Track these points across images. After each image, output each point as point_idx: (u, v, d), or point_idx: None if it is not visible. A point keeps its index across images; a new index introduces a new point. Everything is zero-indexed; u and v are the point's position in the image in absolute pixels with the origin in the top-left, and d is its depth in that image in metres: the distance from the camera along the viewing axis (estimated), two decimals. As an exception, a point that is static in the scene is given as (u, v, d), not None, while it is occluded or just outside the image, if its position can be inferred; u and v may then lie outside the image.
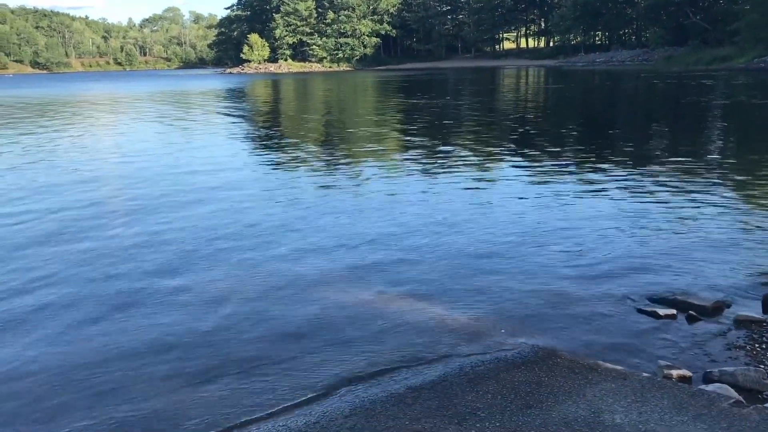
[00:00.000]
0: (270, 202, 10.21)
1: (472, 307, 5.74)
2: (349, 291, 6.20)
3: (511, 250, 7.38)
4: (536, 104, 30.92)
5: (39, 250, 7.75)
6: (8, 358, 4.97)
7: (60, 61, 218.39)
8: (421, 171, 12.70)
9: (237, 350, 5.02)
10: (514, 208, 9.38)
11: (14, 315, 5.80)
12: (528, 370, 4.53)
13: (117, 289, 6.39)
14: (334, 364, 4.78)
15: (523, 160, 13.65)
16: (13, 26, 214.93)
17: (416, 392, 4.28)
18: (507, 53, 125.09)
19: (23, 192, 11.44)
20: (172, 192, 11.12)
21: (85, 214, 9.64)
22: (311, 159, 14.72)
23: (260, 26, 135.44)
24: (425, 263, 6.96)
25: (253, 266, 6.99)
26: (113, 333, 5.38)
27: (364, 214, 9.22)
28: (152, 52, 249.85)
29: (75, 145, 18.46)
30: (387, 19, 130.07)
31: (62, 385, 4.56)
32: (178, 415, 4.19)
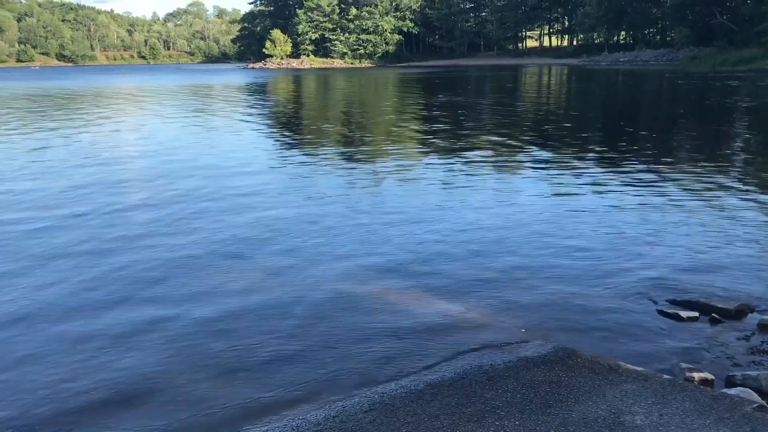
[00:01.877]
0: (290, 198, 10.24)
1: (492, 306, 5.73)
2: (369, 288, 6.22)
3: (531, 249, 7.35)
4: (559, 103, 30.72)
5: (71, 242, 7.86)
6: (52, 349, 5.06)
7: (85, 54, 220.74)
8: (441, 169, 12.68)
9: (257, 344, 5.06)
10: (534, 206, 9.34)
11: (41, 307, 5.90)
12: (548, 369, 4.51)
13: (137, 287, 6.46)
14: (353, 359, 4.80)
15: (544, 160, 13.58)
16: (40, 19, 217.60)
17: (435, 389, 4.29)
18: (530, 51, 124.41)
19: (51, 188, 11.59)
20: (194, 187, 11.20)
21: (111, 210, 9.74)
22: (331, 156, 14.74)
23: (283, 22, 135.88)
24: (445, 261, 6.95)
25: (273, 263, 7.03)
26: (143, 325, 5.44)
27: (384, 211, 9.22)
28: (176, 46, 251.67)
29: (101, 138, 18.64)
30: (409, 15, 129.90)
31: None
32: (199, 407, 4.23)
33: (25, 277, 6.61)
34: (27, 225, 8.65)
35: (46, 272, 6.74)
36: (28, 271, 6.79)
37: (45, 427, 4.03)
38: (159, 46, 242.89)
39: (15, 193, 10.73)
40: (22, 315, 5.65)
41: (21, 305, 5.87)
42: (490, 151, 15.11)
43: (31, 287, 6.31)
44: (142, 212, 9.36)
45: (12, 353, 4.96)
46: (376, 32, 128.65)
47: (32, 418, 4.12)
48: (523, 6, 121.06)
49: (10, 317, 5.60)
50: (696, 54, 73.05)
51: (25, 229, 8.42)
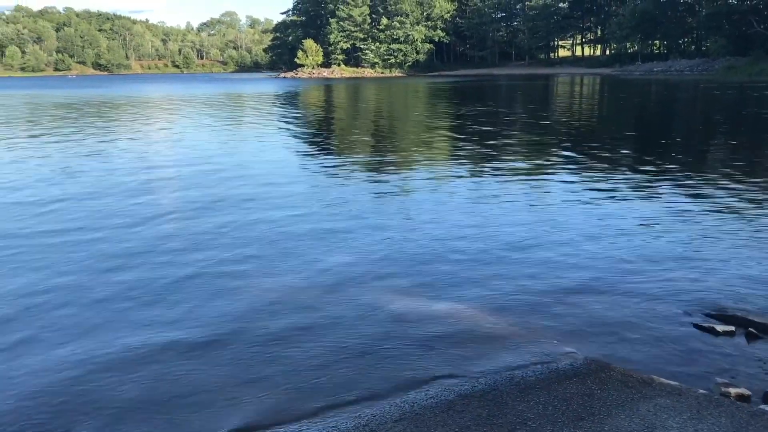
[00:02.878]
0: (318, 204, 10.30)
1: (524, 317, 5.69)
2: (398, 297, 6.22)
3: (563, 260, 7.29)
4: (591, 113, 30.46)
5: (105, 237, 8.00)
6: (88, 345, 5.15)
7: (120, 63, 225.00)
8: (471, 180, 12.65)
9: (287, 351, 5.09)
10: (565, 217, 9.27)
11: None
12: (580, 381, 4.48)
13: (170, 287, 6.55)
14: (383, 368, 4.80)
15: (575, 171, 13.46)
16: (77, 29, 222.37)
17: (466, 400, 4.28)
18: (561, 61, 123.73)
19: (83, 187, 11.81)
20: (224, 192, 11.33)
21: (140, 213, 9.89)
22: (361, 166, 14.79)
23: (314, 31, 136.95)
24: (475, 271, 6.93)
25: (302, 270, 7.07)
26: (173, 329, 5.52)
27: (413, 221, 9.23)
28: (209, 55, 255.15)
29: (135, 144, 18.94)
30: (440, 25, 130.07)
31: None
32: (229, 410, 4.27)
33: (76, 278, 6.75)
34: (68, 232, 8.83)
35: (93, 275, 6.87)
36: (80, 273, 6.93)
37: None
38: (192, 56, 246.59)
39: (42, 201, 10.94)
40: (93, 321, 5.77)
41: (86, 313, 5.99)
42: (520, 161, 15.04)
43: (83, 291, 6.44)
44: (167, 222, 9.48)
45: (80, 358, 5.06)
46: (407, 41, 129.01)
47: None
48: (556, 15, 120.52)
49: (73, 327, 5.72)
50: (732, 64, 71.98)
51: (68, 236, 8.59)
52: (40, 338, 5.39)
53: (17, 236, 8.55)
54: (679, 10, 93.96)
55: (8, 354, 5.11)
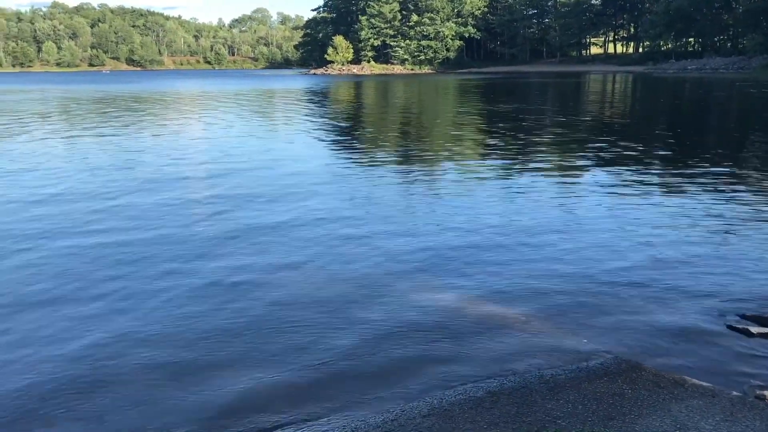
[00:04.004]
0: (346, 199, 10.34)
1: (553, 315, 5.66)
2: (427, 293, 6.22)
3: (593, 258, 7.22)
4: (624, 112, 30.08)
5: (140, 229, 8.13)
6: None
7: (153, 59, 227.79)
8: (500, 176, 12.58)
9: (316, 345, 5.12)
10: (595, 215, 9.18)
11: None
12: (610, 381, 4.44)
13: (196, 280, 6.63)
14: (412, 363, 4.81)
15: (606, 169, 13.31)
16: (111, 25, 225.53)
17: (495, 397, 4.26)
18: (593, 58, 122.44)
19: (119, 181, 11.99)
20: (254, 186, 11.41)
21: (175, 203, 10.02)
22: (390, 160, 14.79)
23: (345, 28, 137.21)
24: (505, 269, 6.90)
25: (335, 266, 7.10)
26: (208, 322, 5.58)
27: (442, 217, 9.21)
28: (240, 51, 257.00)
29: (168, 138, 19.16)
30: (471, 21, 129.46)
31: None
32: (260, 402, 4.31)
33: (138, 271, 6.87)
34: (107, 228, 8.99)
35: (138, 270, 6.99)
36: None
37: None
38: (224, 52, 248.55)
39: (68, 194, 11.13)
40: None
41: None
42: (550, 159, 14.92)
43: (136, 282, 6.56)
44: (197, 218, 9.58)
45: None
46: (437, 38, 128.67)
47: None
48: (588, 12, 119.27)
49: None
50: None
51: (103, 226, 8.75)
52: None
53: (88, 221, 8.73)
54: (714, 6, 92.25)
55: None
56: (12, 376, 4.70)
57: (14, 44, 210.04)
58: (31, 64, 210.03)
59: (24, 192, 11.26)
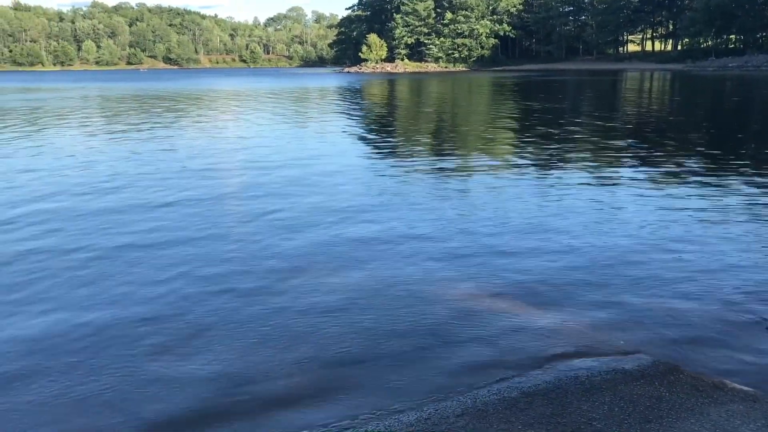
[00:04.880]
0: (378, 197, 10.34)
1: (589, 316, 5.59)
2: (463, 293, 6.19)
3: (631, 259, 7.11)
4: (661, 112, 29.57)
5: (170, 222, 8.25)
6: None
7: (190, 57, 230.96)
8: (536, 178, 12.46)
9: (347, 344, 5.13)
10: (632, 216, 9.03)
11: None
12: (647, 383, 4.37)
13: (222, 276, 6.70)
14: (446, 362, 4.79)
15: (643, 170, 13.10)
16: (149, 24, 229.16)
17: (529, 398, 4.23)
18: (630, 56, 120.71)
19: (155, 177, 12.18)
20: (286, 183, 11.49)
21: (205, 197, 10.15)
22: (423, 162, 14.73)
23: (379, 26, 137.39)
24: (540, 269, 6.83)
25: (364, 264, 7.11)
26: (235, 323, 5.64)
27: (476, 219, 9.16)
28: (275, 50, 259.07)
29: (205, 134, 19.39)
30: (506, 19, 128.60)
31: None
32: (293, 403, 4.33)
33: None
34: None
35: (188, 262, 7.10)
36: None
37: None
38: (259, 50, 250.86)
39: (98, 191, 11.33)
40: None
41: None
42: (585, 159, 14.74)
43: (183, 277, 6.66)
44: (233, 218, 9.67)
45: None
46: (472, 36, 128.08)
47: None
48: (625, 9, 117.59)
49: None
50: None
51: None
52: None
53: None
54: (757, 2, 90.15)
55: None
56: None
57: (55, 43, 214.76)
58: (72, 62, 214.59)
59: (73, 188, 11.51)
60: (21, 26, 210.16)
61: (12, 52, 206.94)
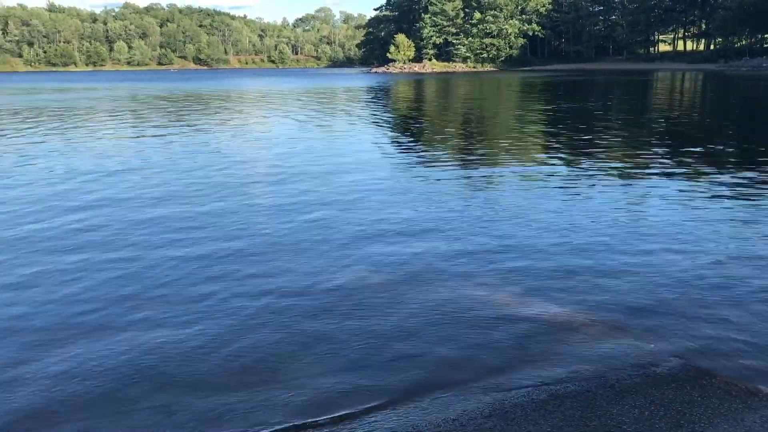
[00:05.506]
0: (403, 197, 10.32)
1: (619, 319, 5.51)
2: (491, 294, 6.16)
3: (663, 262, 7.01)
4: (692, 113, 29.12)
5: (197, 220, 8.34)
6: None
7: (219, 58, 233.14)
8: (562, 176, 12.35)
9: (380, 343, 5.13)
10: (662, 218, 8.90)
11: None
12: (679, 387, 4.31)
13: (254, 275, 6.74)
14: (474, 363, 4.77)
15: (673, 171, 12.91)
16: (179, 25, 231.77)
17: (558, 400, 4.19)
18: (661, 56, 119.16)
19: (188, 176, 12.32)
20: (317, 186, 11.54)
21: (237, 192, 10.23)
22: (448, 158, 14.70)
23: (407, 26, 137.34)
24: (570, 270, 6.77)
25: (390, 262, 7.11)
26: (274, 316, 5.68)
27: (506, 219, 9.10)
28: (303, 50, 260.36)
29: (235, 133, 19.56)
30: (535, 19, 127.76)
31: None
32: (321, 397, 4.34)
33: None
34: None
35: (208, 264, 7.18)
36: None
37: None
38: (287, 51, 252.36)
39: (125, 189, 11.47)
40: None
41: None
42: (614, 161, 14.56)
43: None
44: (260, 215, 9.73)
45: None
46: (500, 36, 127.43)
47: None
48: (657, 8, 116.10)
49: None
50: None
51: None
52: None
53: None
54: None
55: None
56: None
57: (88, 44, 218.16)
58: (104, 63, 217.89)
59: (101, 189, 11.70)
60: (55, 27, 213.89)
61: (46, 53, 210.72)
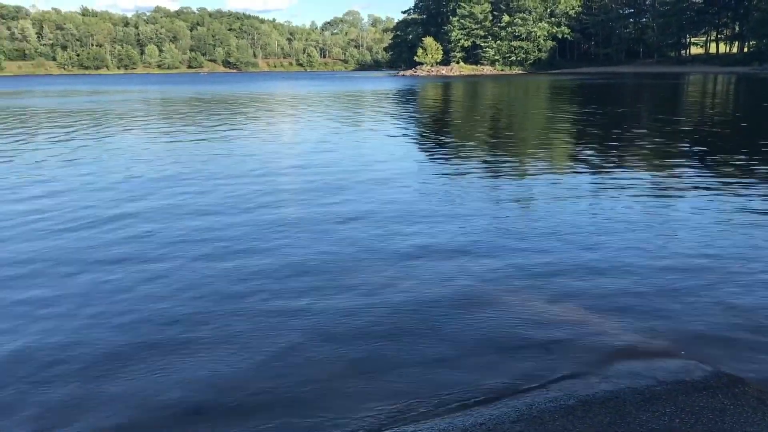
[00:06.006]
0: (431, 201, 10.32)
1: (649, 325, 5.45)
2: (518, 298, 6.13)
3: (691, 268, 6.91)
4: (725, 117, 28.66)
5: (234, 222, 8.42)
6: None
7: (248, 61, 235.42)
8: (591, 182, 12.25)
9: (407, 347, 5.13)
10: (696, 225, 8.77)
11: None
12: (710, 395, 4.25)
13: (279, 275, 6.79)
14: (501, 368, 4.75)
15: (707, 178, 12.72)
16: (209, 28, 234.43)
17: (586, 406, 4.16)
18: (693, 59, 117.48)
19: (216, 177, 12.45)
20: (340, 184, 11.59)
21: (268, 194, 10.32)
22: (478, 168, 14.64)
23: (434, 29, 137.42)
24: (598, 274, 6.71)
25: (418, 267, 7.11)
26: (295, 318, 5.72)
27: (533, 226, 9.06)
28: (331, 53, 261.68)
29: (268, 138, 19.72)
30: (564, 21, 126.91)
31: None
32: (349, 405, 4.35)
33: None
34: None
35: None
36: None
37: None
38: (316, 54, 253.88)
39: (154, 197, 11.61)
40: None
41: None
42: (645, 167, 14.40)
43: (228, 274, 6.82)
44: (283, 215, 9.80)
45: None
46: (529, 39, 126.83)
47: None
48: (689, 11, 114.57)
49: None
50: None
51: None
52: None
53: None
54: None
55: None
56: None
57: (120, 47, 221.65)
58: (135, 66, 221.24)
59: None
60: (88, 31, 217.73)
61: (79, 56, 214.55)
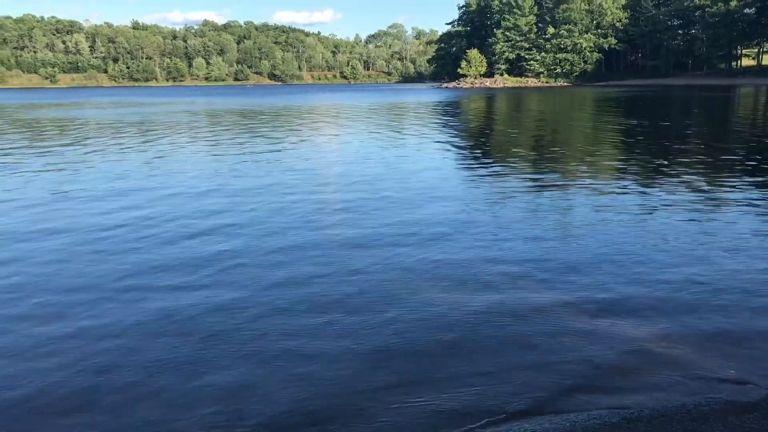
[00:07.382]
0: (471, 213, 10.27)
1: (696, 342, 5.32)
2: (561, 313, 6.05)
3: (741, 285, 6.73)
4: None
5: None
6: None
7: (293, 74, 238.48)
8: (637, 195, 12.05)
9: (449, 359, 5.12)
10: (742, 243, 8.54)
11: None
12: (762, 417, 4.13)
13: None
14: (544, 383, 4.69)
15: (755, 193, 12.39)
16: (256, 41, 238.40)
17: (631, 423, 4.09)
18: (744, 71, 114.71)
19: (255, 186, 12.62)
20: (377, 196, 11.62)
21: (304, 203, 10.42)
22: (520, 181, 14.54)
23: (479, 42, 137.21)
24: (644, 288, 6.58)
25: (453, 278, 7.08)
26: (333, 332, 5.76)
27: (576, 240, 8.95)
28: (375, 66, 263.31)
29: (315, 150, 19.94)
30: (611, 33, 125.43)
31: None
32: (382, 415, 4.35)
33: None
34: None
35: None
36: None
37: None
38: (359, 67, 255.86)
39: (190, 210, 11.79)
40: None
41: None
42: (693, 181, 14.11)
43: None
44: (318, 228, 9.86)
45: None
46: (574, 50, 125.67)
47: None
48: (740, 22, 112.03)
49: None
50: None
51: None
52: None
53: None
54: None
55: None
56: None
57: (168, 60, 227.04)
58: (183, 78, 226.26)
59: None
60: (138, 44, 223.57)
61: (129, 69, 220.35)
